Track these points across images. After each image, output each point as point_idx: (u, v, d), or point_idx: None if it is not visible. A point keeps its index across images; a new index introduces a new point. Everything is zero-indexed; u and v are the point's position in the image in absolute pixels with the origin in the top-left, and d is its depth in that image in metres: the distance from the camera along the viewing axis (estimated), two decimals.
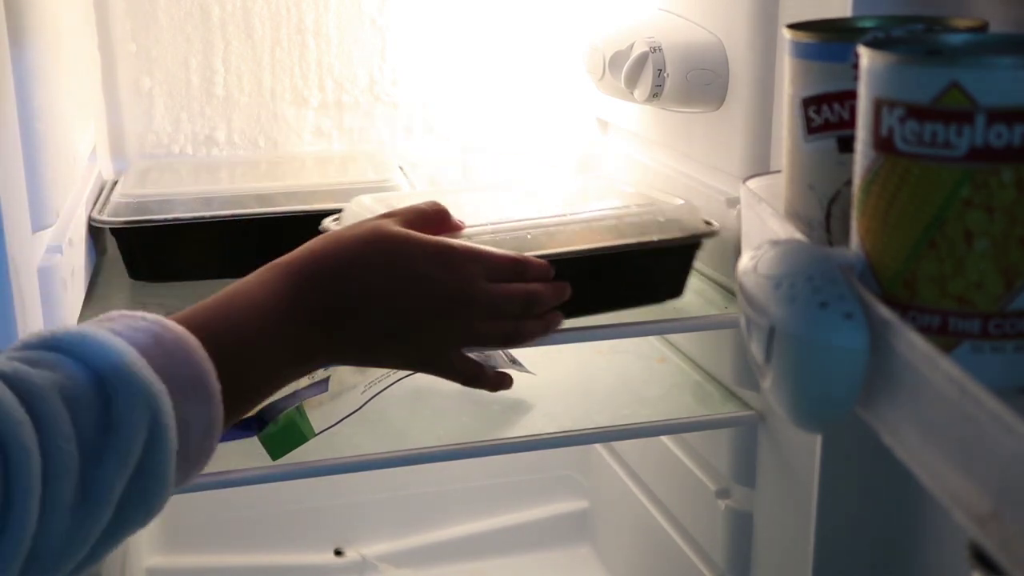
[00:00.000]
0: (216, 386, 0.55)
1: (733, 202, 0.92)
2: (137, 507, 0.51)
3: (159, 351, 0.53)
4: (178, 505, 1.27)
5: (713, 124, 0.95)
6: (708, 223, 0.89)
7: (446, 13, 1.21)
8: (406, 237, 0.68)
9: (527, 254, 0.77)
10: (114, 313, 0.56)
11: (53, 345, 0.51)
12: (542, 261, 0.75)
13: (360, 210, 0.88)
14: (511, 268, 0.73)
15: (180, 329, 0.55)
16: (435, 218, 0.74)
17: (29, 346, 0.51)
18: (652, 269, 0.88)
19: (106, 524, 0.50)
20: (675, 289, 0.91)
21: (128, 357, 0.51)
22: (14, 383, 0.47)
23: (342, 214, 0.89)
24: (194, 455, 0.55)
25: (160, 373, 0.52)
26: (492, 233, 0.81)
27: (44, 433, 0.47)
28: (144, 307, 0.94)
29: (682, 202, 0.90)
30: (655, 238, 0.85)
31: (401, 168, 1.09)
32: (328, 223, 0.88)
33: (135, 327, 0.54)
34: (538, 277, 0.75)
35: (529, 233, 0.82)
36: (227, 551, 1.27)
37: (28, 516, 0.45)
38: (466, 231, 0.79)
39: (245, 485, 0.86)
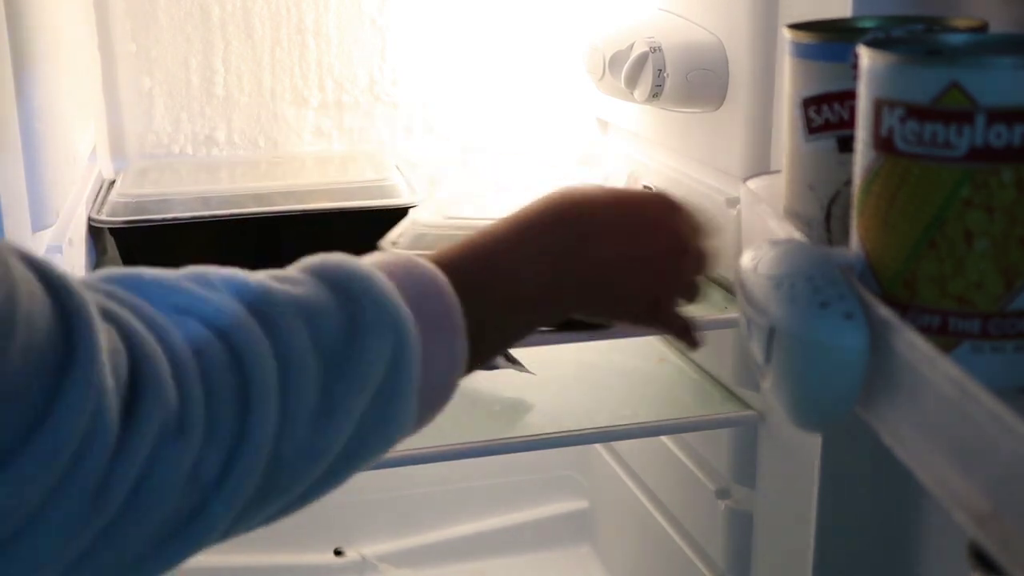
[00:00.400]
0: (463, 324, 0.55)
1: (733, 202, 0.92)
2: (378, 431, 0.51)
3: (410, 282, 0.53)
4: None
5: (713, 124, 0.95)
6: None
7: (446, 13, 1.21)
8: (625, 189, 0.74)
9: None
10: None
11: (303, 266, 0.52)
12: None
13: (415, 227, 0.89)
14: (701, 225, 0.72)
15: (432, 266, 0.56)
16: None
17: (282, 269, 0.52)
18: None
19: (345, 444, 0.50)
20: None
21: (378, 282, 0.51)
22: (256, 295, 0.48)
23: (400, 233, 0.90)
24: (437, 390, 0.55)
25: (409, 303, 0.52)
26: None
27: (281, 343, 0.47)
28: None
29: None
30: None
31: (399, 168, 1.09)
32: (387, 244, 0.89)
33: (386, 260, 0.55)
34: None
35: None
36: (227, 551, 1.27)
37: (267, 422, 0.46)
38: None
39: None
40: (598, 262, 0.65)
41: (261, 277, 0.50)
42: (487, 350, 0.61)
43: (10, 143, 0.71)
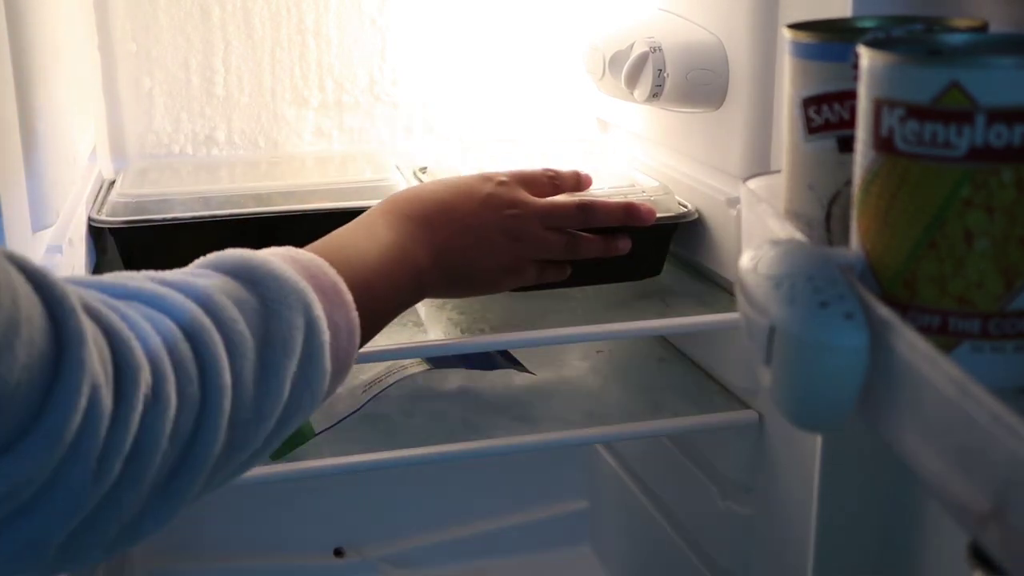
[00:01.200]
0: (350, 296, 0.62)
1: (733, 202, 0.92)
2: (304, 392, 0.58)
3: (297, 264, 0.60)
4: None
5: (713, 124, 0.95)
6: (683, 205, 0.97)
7: (446, 13, 1.21)
8: (451, 178, 0.82)
9: None
10: None
11: (202, 264, 0.59)
12: (575, 172, 0.89)
13: None
14: (545, 182, 0.85)
15: (308, 252, 0.63)
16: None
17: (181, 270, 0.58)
18: (632, 247, 0.91)
19: (284, 404, 0.56)
20: (654, 268, 0.98)
21: (274, 264, 0.58)
22: (179, 287, 0.54)
23: None
24: (343, 357, 0.61)
25: (303, 277, 0.59)
26: None
27: (216, 318, 0.53)
28: None
29: (658, 184, 0.99)
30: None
31: (398, 167, 1.10)
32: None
33: (271, 251, 0.61)
34: (573, 188, 0.88)
35: None
36: (227, 551, 1.27)
37: (223, 384, 0.52)
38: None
39: (244, 484, 0.86)
40: (442, 243, 0.75)
41: (181, 277, 0.56)
42: (372, 328, 0.68)
43: (10, 143, 0.71)
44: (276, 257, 0.59)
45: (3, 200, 0.66)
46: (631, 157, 1.15)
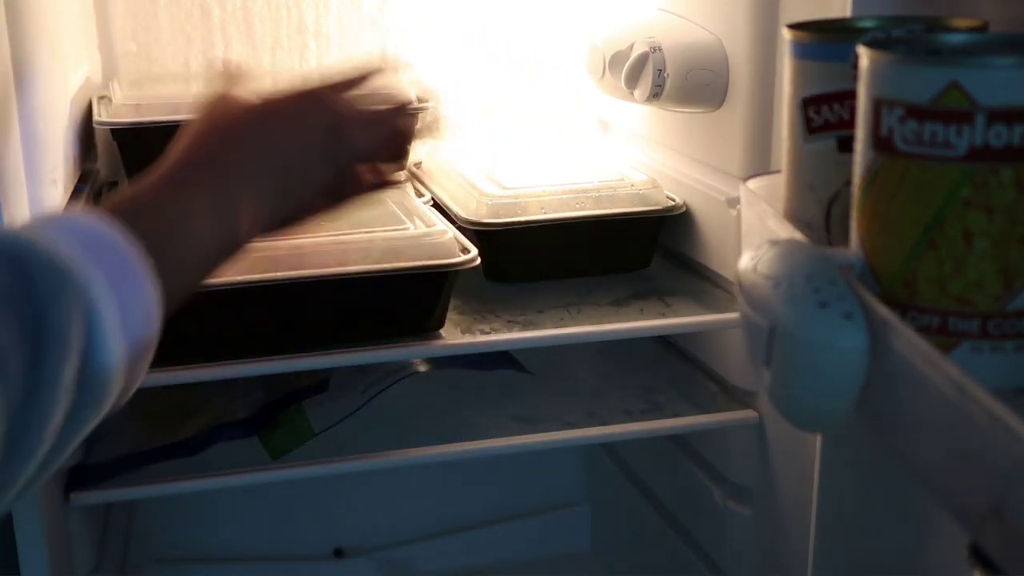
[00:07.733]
0: (147, 270, 0.53)
1: (733, 202, 0.92)
2: (85, 395, 0.50)
3: (78, 238, 0.51)
4: (178, 504, 1.26)
5: (713, 124, 0.95)
6: (671, 198, 0.99)
7: (446, 13, 1.21)
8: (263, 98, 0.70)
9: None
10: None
11: None
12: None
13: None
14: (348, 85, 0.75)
15: (93, 216, 0.54)
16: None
17: None
18: (622, 239, 0.98)
19: (63, 416, 0.49)
20: (644, 260, 1.01)
21: (46, 247, 0.50)
22: None
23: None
24: (141, 343, 0.53)
25: (86, 258, 0.50)
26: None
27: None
28: None
29: (647, 178, 1.01)
30: (623, 210, 0.97)
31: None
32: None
33: (45, 220, 0.54)
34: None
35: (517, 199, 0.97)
36: (227, 551, 1.27)
37: None
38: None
39: (245, 485, 0.86)
40: (251, 166, 0.64)
41: None
42: (181, 286, 0.59)
43: (10, 143, 0.71)
44: (50, 232, 0.51)
45: (3, 201, 0.66)
46: (630, 157, 1.15)
